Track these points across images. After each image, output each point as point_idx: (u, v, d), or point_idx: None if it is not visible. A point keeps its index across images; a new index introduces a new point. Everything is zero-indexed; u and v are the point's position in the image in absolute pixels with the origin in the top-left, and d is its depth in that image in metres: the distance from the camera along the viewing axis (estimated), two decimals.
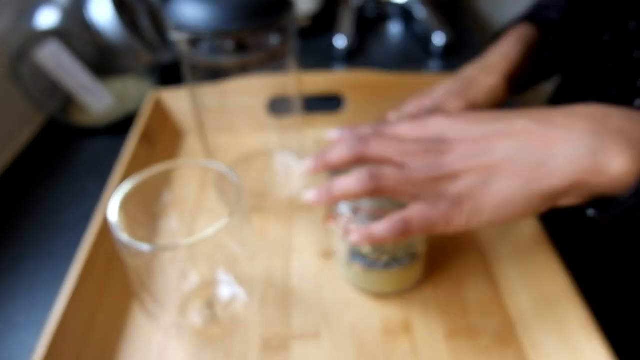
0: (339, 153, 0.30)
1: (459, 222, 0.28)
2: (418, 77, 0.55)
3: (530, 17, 0.47)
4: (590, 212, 0.27)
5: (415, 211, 0.28)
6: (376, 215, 0.32)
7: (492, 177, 0.26)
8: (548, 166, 0.25)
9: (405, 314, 0.37)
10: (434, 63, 0.75)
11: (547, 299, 0.35)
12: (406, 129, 0.30)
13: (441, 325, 0.37)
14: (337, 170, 0.36)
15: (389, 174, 0.28)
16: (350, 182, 0.29)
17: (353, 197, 0.29)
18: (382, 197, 0.32)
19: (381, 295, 0.39)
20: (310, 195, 0.31)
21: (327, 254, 0.42)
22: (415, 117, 0.31)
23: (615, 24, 0.37)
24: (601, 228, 0.43)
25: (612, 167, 0.24)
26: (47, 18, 0.55)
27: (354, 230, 0.30)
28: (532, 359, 0.34)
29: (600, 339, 0.30)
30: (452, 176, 0.27)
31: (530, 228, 0.39)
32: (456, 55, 0.77)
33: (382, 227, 0.29)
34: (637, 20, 0.35)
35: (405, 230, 0.28)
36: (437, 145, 0.28)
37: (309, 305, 0.38)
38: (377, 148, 0.29)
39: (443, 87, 0.40)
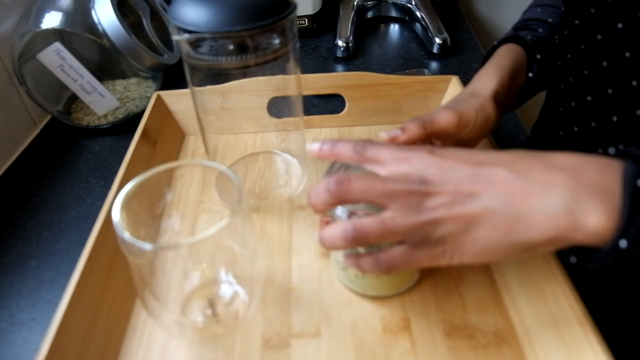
0: (321, 199, 0.30)
1: (442, 261, 0.29)
2: (417, 77, 0.56)
3: (514, 38, 0.48)
4: (573, 259, 0.28)
5: (400, 253, 0.30)
6: None
7: (473, 226, 0.27)
8: (526, 221, 0.26)
9: (405, 313, 0.38)
10: (433, 63, 0.76)
11: (545, 298, 0.35)
12: (387, 156, 0.30)
13: (440, 324, 0.37)
14: (335, 167, 0.37)
15: (373, 228, 0.29)
16: (335, 237, 0.30)
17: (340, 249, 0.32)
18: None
19: (378, 298, 0.39)
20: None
21: (327, 254, 0.43)
22: (400, 147, 0.31)
23: (606, 25, 0.38)
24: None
25: (588, 224, 0.25)
26: (50, 19, 0.55)
27: (347, 257, 0.33)
28: (530, 357, 0.34)
29: (598, 337, 0.30)
30: (435, 222, 0.28)
31: None
32: (455, 56, 0.77)
33: (369, 265, 0.31)
34: (625, 21, 0.36)
35: (390, 270, 0.31)
36: (419, 187, 0.28)
37: (309, 304, 0.39)
38: (359, 190, 0.29)
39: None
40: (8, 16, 0.60)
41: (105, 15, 0.56)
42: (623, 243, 0.24)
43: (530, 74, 0.47)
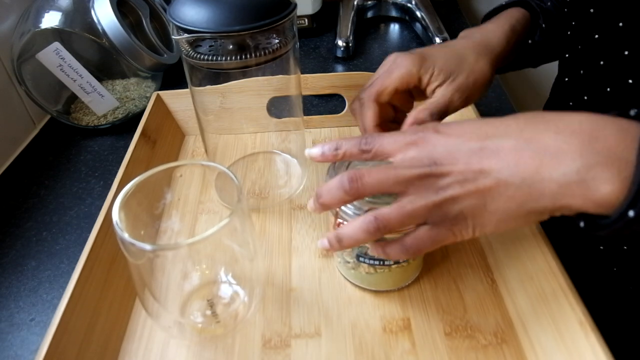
0: (334, 197, 0.30)
1: (466, 234, 0.29)
2: None
3: (521, 2, 0.47)
4: (582, 224, 0.28)
5: (424, 233, 0.30)
6: None
7: (488, 199, 0.28)
8: (539, 190, 0.26)
9: (405, 313, 0.38)
10: None
11: (545, 298, 0.35)
12: (393, 146, 0.30)
13: (440, 324, 0.37)
14: (337, 163, 0.36)
15: (393, 216, 0.29)
16: (356, 231, 0.30)
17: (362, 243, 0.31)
18: (391, 196, 0.32)
19: (385, 292, 0.39)
20: (320, 244, 0.33)
21: (327, 254, 0.43)
22: (403, 132, 0.31)
23: (606, 23, 0.38)
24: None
25: (599, 193, 0.25)
26: (50, 19, 0.55)
27: (373, 247, 0.32)
28: (530, 357, 0.34)
29: (598, 337, 0.30)
30: (451, 200, 0.28)
31: (529, 228, 0.39)
32: None
33: (396, 251, 0.31)
34: (625, 20, 0.36)
35: (418, 252, 0.31)
36: (430, 169, 0.28)
37: (309, 304, 0.39)
38: (373, 184, 0.29)
39: (438, 64, 0.40)
40: (7, 16, 0.59)
41: (104, 15, 0.56)
42: (631, 213, 0.24)
43: (530, 41, 0.46)
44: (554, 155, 0.26)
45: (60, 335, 0.31)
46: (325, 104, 0.65)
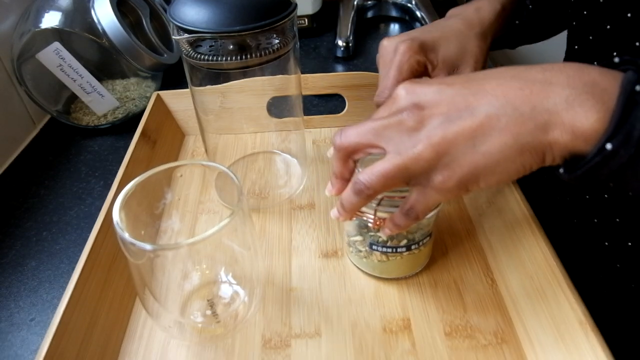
0: (334, 161, 0.31)
1: (457, 192, 0.27)
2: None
3: None
4: (561, 170, 0.26)
5: (416, 196, 0.29)
6: (400, 202, 0.33)
7: (478, 139, 0.25)
8: (533, 120, 0.25)
9: (405, 313, 0.38)
10: None
11: (545, 298, 0.35)
12: (382, 112, 0.30)
13: (440, 324, 0.37)
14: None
15: (375, 174, 0.28)
16: (349, 194, 0.30)
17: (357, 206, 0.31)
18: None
19: (385, 292, 0.39)
20: (332, 214, 0.33)
21: (327, 254, 0.43)
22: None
23: (614, 14, 0.37)
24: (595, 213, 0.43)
25: (586, 122, 0.24)
26: (50, 19, 0.55)
27: (386, 224, 0.33)
28: (530, 357, 0.34)
29: (598, 337, 0.30)
30: (434, 147, 0.26)
31: (529, 228, 0.39)
32: None
33: (401, 219, 0.31)
34: (635, 10, 0.35)
35: (421, 214, 0.30)
36: (409, 114, 0.27)
37: (309, 304, 0.39)
38: (353, 139, 0.29)
39: (440, 53, 0.40)
40: (7, 16, 0.59)
41: (104, 14, 0.56)
42: (609, 145, 0.23)
43: (517, 22, 0.46)
44: (543, 85, 0.25)
45: (60, 335, 0.31)
46: (325, 104, 0.65)
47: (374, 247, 0.37)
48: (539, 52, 0.52)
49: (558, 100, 0.24)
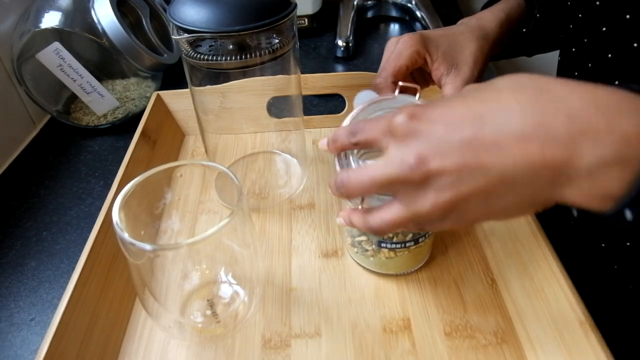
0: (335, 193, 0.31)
1: (464, 229, 0.28)
2: None
3: None
4: (575, 213, 0.26)
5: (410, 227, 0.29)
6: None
7: (491, 197, 0.24)
8: (550, 183, 0.23)
9: (405, 313, 0.38)
10: None
11: (545, 298, 0.35)
12: (377, 133, 0.27)
13: (440, 324, 0.37)
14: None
15: (387, 223, 0.28)
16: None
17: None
18: None
19: (385, 292, 0.39)
20: (339, 222, 0.33)
21: (327, 254, 0.43)
22: (385, 118, 0.27)
23: (611, 16, 0.37)
24: (597, 228, 0.43)
25: (608, 190, 0.22)
26: (50, 19, 0.55)
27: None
28: (530, 357, 0.34)
29: (599, 338, 0.30)
30: (446, 206, 0.25)
31: (529, 228, 0.39)
32: None
33: (356, 221, 0.31)
34: (632, 12, 0.36)
35: (381, 233, 0.31)
36: (417, 168, 0.25)
37: (309, 304, 0.39)
38: (355, 191, 0.28)
39: (441, 48, 0.40)
40: (7, 16, 0.59)
41: (104, 14, 0.56)
42: (629, 214, 0.22)
43: (524, 30, 0.47)
44: (567, 146, 0.22)
45: (60, 335, 0.31)
46: (325, 104, 0.65)
47: (383, 244, 0.37)
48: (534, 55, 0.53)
49: (580, 169, 0.22)
